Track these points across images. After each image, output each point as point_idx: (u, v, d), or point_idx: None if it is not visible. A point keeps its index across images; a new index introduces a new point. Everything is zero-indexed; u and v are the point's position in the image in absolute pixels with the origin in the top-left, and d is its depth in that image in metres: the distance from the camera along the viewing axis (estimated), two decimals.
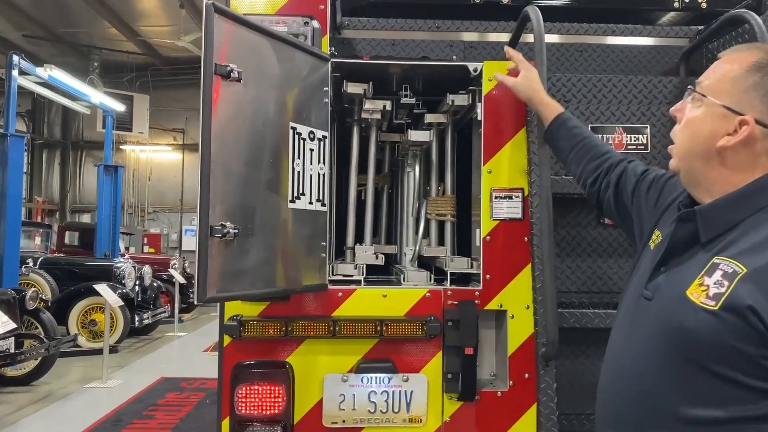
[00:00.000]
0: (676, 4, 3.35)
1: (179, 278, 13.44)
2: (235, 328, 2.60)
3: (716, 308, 1.31)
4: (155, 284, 13.02)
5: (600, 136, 2.92)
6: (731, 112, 1.40)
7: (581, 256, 2.95)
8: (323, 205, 2.66)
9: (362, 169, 3.20)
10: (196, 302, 2.08)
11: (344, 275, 2.83)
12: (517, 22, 2.88)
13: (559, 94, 2.93)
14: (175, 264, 15.16)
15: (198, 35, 14.55)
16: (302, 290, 2.55)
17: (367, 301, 2.70)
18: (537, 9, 2.62)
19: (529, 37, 3.14)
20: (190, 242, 19.45)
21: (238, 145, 2.23)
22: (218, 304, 2.54)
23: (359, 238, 3.26)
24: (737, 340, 1.28)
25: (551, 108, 2.39)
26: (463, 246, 3.25)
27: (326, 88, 2.68)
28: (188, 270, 15.93)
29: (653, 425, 1.42)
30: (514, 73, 2.63)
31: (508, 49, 2.72)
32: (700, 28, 3.33)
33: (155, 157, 20.15)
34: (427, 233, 3.30)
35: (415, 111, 3.20)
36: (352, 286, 2.74)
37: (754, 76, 1.38)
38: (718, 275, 1.34)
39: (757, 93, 1.37)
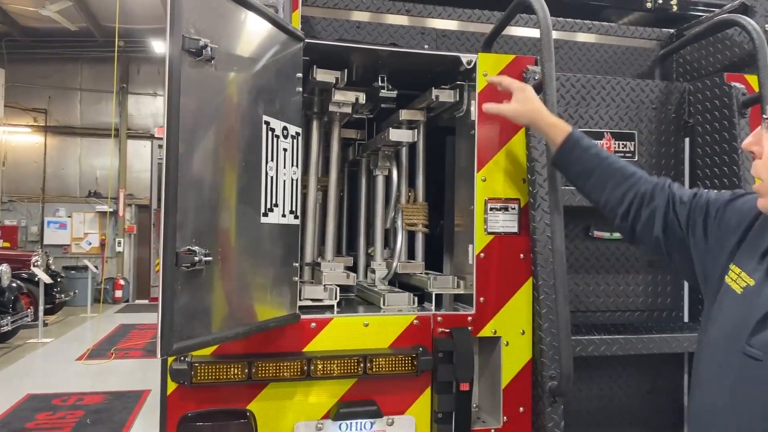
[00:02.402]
0: (649, 5, 3.21)
1: (44, 277, 11.89)
2: (185, 372, 2.05)
3: None
4: (14, 285, 11.42)
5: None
6: None
7: (568, 272, 2.69)
8: (296, 217, 2.17)
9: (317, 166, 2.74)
10: (160, 356, 1.54)
11: (313, 299, 2.36)
12: (507, 11, 2.54)
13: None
14: (37, 261, 13.42)
15: (67, 4, 12.90)
16: (275, 325, 2.06)
17: (346, 333, 2.27)
18: None
19: (506, 30, 2.86)
20: (54, 236, 17.43)
21: (208, 146, 1.70)
22: None
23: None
24: None
25: (558, 129, 1.92)
26: (432, 259, 2.90)
27: (299, 75, 2.19)
28: (52, 267, 14.23)
29: None
30: (505, 97, 2.11)
31: (491, 79, 2.23)
32: (672, 31, 3.22)
33: (11, 139, 17.81)
34: (386, 243, 2.92)
35: (382, 106, 2.79)
36: (327, 315, 2.28)
37: None
38: None
39: None
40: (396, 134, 2.54)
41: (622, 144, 2.75)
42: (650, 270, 2.78)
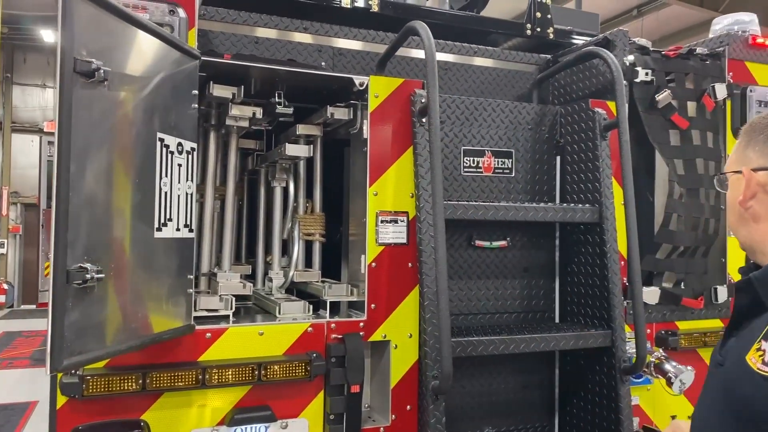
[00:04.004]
0: (528, 32, 3.52)
1: None
2: (76, 386, 2.06)
3: None
4: None
5: (472, 159, 2.95)
6: (736, 173, 1.53)
7: (453, 279, 2.93)
8: (191, 230, 2.23)
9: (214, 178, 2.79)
10: (49, 372, 1.56)
11: (208, 310, 2.42)
12: (398, 35, 2.72)
13: None
14: None
15: None
16: (169, 337, 2.11)
17: (241, 342, 2.35)
18: (425, 25, 2.49)
19: (400, 52, 3.05)
20: None
21: (101, 163, 1.74)
22: None
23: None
24: None
25: None
26: (331, 267, 3.03)
27: (195, 91, 2.25)
28: None
29: None
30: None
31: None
32: (548, 56, 3.54)
33: None
34: (285, 252, 3.02)
35: (281, 119, 2.88)
36: (222, 325, 2.35)
37: (745, 138, 1.54)
38: None
39: (750, 149, 1.51)
40: (292, 149, 2.65)
41: (501, 161, 3.01)
42: (526, 275, 3.06)
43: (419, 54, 3.34)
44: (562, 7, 4.02)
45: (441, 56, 3.35)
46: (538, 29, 3.49)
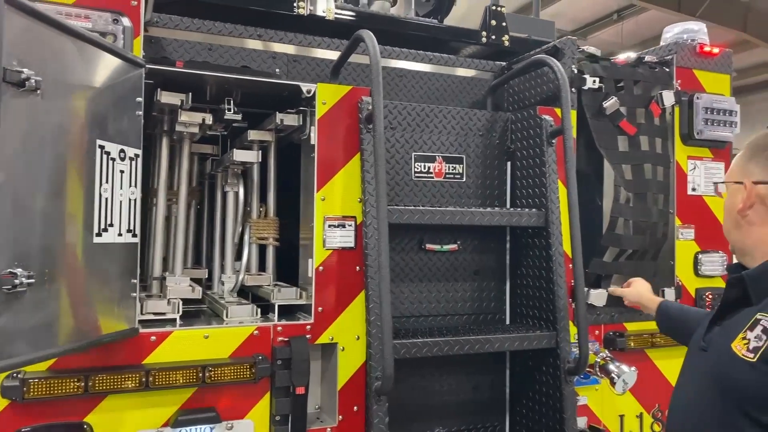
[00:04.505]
0: (484, 40, 3.59)
1: None
2: (16, 389, 2.09)
3: (754, 360, 1.48)
4: None
5: (423, 164, 3.01)
6: (737, 184, 1.73)
7: (404, 281, 2.99)
8: (134, 235, 2.27)
9: (166, 183, 2.83)
10: None
11: (155, 313, 2.46)
12: (348, 44, 2.78)
13: (386, 121, 2.92)
14: None
15: None
16: (110, 340, 2.15)
17: (186, 345, 2.39)
18: (371, 34, 2.55)
19: (355, 58, 3.11)
20: None
21: (34, 171, 1.78)
22: None
23: (166, 264, 2.90)
24: None
25: (653, 303, 2.55)
26: (288, 271, 3.07)
27: (139, 99, 2.29)
28: None
29: None
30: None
31: (613, 290, 2.96)
32: (503, 63, 3.61)
33: None
34: (240, 257, 3.06)
35: (234, 125, 2.93)
36: (168, 328, 2.39)
37: (748, 153, 1.74)
38: (758, 330, 1.52)
39: (753, 164, 1.70)
40: (240, 155, 2.70)
41: (452, 167, 3.07)
42: (477, 278, 3.13)
43: (383, 62, 3.39)
44: (518, 15, 4.09)
45: (397, 63, 3.42)
46: (493, 37, 3.56)
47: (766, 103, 16.57)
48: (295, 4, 3.11)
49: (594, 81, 3.14)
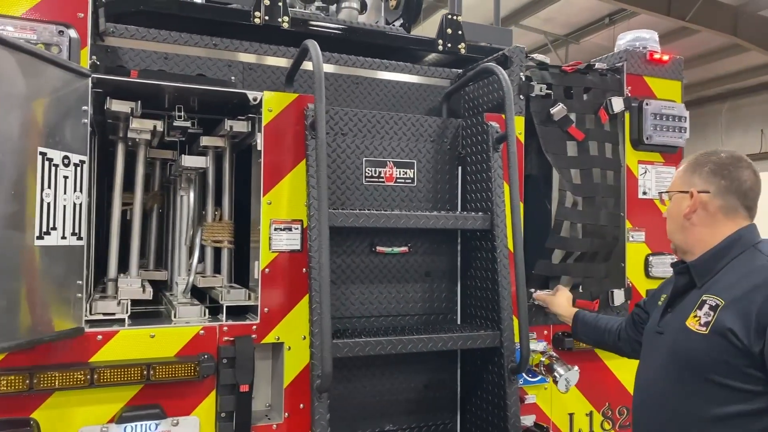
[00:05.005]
0: (440, 47, 3.68)
1: None
2: None
3: (707, 332, 1.84)
4: None
5: (374, 169, 3.10)
6: (682, 193, 2.08)
7: (355, 283, 3.07)
8: (79, 238, 2.36)
9: (127, 186, 2.93)
10: None
11: (105, 314, 2.55)
12: (297, 53, 2.88)
13: (337, 127, 3.02)
14: None
15: None
16: (52, 339, 2.24)
17: (132, 344, 2.48)
18: (316, 44, 2.64)
19: (309, 66, 3.20)
20: None
21: None
22: None
23: (124, 267, 2.99)
24: (726, 356, 1.79)
25: (570, 312, 2.91)
26: (244, 273, 3.16)
27: (85, 107, 2.38)
28: None
29: (675, 428, 1.92)
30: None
31: (537, 296, 3.16)
32: (460, 71, 3.70)
33: None
34: (202, 259, 3.15)
35: (189, 131, 3.02)
36: (115, 328, 2.48)
37: (691, 167, 2.09)
38: (706, 308, 1.89)
39: (696, 177, 2.05)
40: (189, 160, 2.80)
41: (403, 171, 3.16)
42: (427, 279, 3.21)
43: (341, 70, 3.50)
44: (476, 24, 4.18)
45: (352, 71, 3.51)
46: (449, 45, 3.65)
47: (757, 106, 16.64)
48: (253, 14, 3.21)
49: (541, 88, 3.23)
